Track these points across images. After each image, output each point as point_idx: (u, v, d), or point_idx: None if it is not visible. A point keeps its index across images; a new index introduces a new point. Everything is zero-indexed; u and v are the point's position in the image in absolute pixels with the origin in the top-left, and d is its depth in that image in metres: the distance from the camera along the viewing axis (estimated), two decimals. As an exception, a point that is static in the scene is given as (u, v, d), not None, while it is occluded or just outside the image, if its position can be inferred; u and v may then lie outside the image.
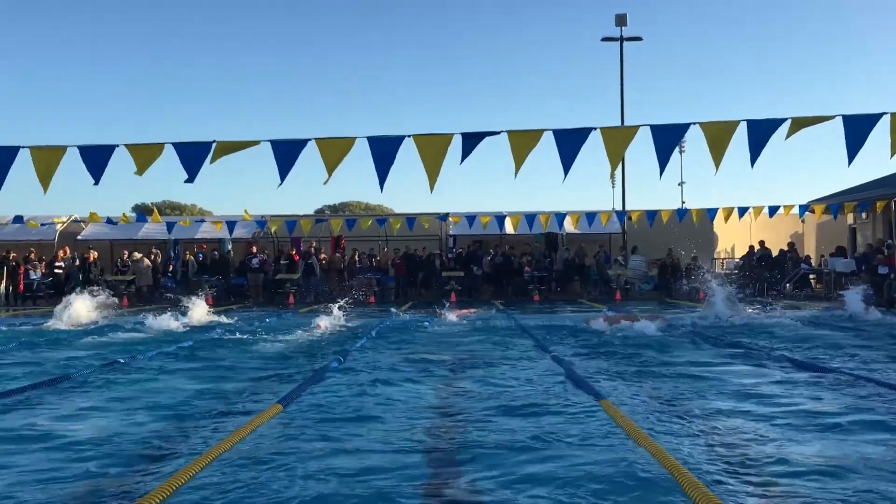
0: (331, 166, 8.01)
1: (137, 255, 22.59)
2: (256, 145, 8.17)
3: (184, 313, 14.37)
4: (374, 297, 21.11)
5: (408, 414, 5.47)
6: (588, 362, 8.00)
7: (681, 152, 55.36)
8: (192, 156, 8.01)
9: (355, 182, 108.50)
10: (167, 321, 13.24)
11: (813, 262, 24.21)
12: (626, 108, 26.58)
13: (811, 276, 23.18)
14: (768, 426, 4.99)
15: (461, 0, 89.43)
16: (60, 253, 22.84)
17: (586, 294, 21.68)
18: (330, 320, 13.10)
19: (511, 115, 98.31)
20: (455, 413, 5.55)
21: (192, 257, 23.61)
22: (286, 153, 8.17)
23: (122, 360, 8.45)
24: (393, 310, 16.44)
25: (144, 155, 8.00)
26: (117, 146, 8.01)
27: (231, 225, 22.89)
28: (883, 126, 7.61)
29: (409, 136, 8.04)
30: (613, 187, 57.25)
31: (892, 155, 7.50)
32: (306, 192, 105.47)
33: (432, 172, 7.92)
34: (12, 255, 22.09)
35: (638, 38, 25.66)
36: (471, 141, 8.10)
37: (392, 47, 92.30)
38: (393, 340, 10.66)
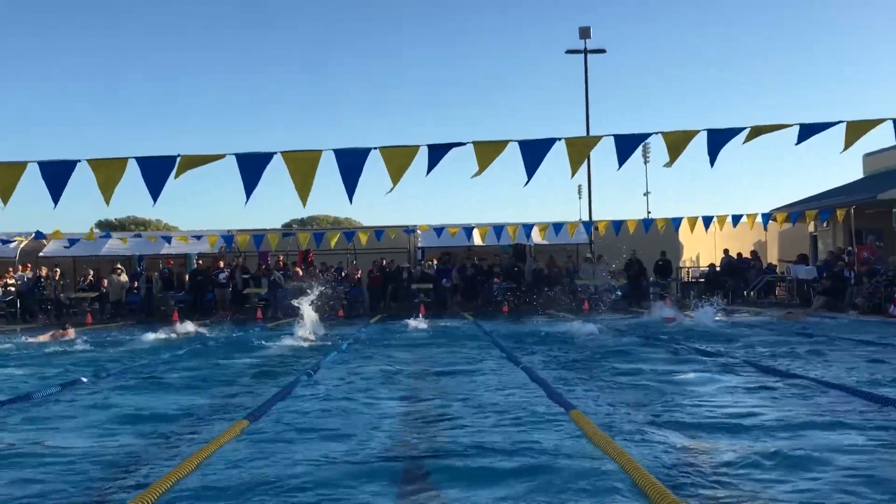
0: (300, 182, 7.97)
1: (120, 268, 22.31)
2: (221, 159, 8.12)
3: (151, 330, 14.23)
4: (343, 310, 21.01)
5: (376, 427, 5.45)
6: (554, 371, 8.05)
7: (645, 163, 56.12)
8: (156, 171, 7.92)
9: (322, 196, 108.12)
10: (133, 337, 13.12)
11: (776, 269, 24.62)
12: (592, 117, 26.87)
13: (777, 283, 23.55)
14: (733, 431, 5.06)
15: (425, 12, 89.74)
16: (11, 270, 22.44)
17: (555, 305, 21.75)
18: (299, 334, 13.03)
19: (477, 128, 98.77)
20: (423, 425, 5.54)
21: (156, 274, 23.36)
22: (252, 167, 8.13)
23: (84, 379, 8.31)
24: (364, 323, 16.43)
25: (107, 171, 7.89)
26: (79, 161, 7.90)
27: (197, 240, 22.69)
28: (838, 133, 7.80)
29: (375, 148, 8.07)
30: (580, 198, 57.75)
31: (844, 149, 7.66)
32: (273, 207, 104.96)
33: (395, 179, 7.96)
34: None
35: (601, 51, 26.00)
36: (437, 153, 8.14)
37: (358, 59, 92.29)
38: (363, 353, 10.64)
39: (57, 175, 7.91)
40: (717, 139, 7.94)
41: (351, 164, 8.05)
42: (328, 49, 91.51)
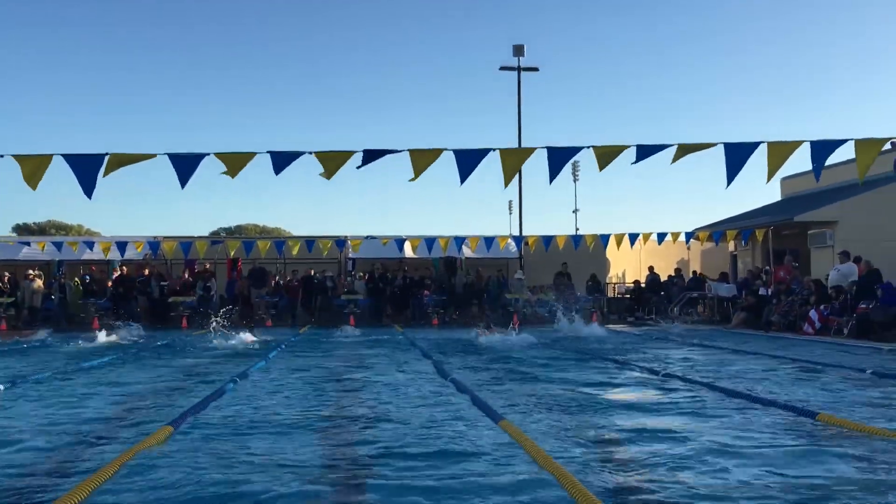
0: (233, 172, 7.88)
1: (32, 273, 21.49)
2: (153, 158, 7.95)
3: (70, 338, 13.77)
4: (271, 320, 20.74)
5: (301, 434, 5.39)
6: (482, 382, 8.12)
7: (575, 181, 57.16)
8: (84, 168, 7.69)
9: (251, 205, 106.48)
10: (52, 344, 12.68)
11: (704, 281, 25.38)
12: (524, 133, 27.25)
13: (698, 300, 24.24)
14: (649, 432, 5.20)
15: (360, 21, 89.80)
16: None
17: (484, 318, 21.90)
18: (226, 342, 12.83)
19: (410, 138, 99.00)
20: (349, 433, 5.50)
21: (77, 280, 22.64)
22: (184, 167, 7.98)
23: (1, 387, 7.99)
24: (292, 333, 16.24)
25: (31, 165, 7.64)
26: (2, 156, 7.62)
27: (122, 246, 22.04)
28: (760, 154, 8.13)
29: (310, 152, 8.02)
30: (511, 214, 58.42)
31: (768, 180, 8.06)
32: (200, 214, 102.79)
33: (330, 174, 7.95)
34: None
35: (534, 69, 26.41)
36: (372, 158, 8.13)
37: (288, 63, 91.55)
38: (291, 361, 10.51)
39: None
40: (646, 153, 8.18)
41: (283, 164, 8.00)
42: (266, 49, 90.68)
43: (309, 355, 11.78)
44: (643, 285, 24.30)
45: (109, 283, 22.51)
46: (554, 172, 8.19)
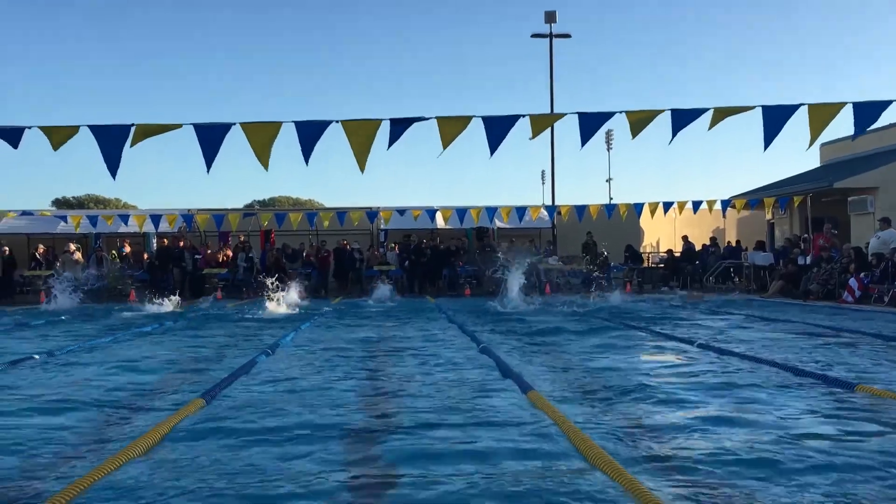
0: (259, 152, 7.83)
1: (72, 246, 21.82)
2: (178, 128, 7.93)
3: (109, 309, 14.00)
4: (305, 291, 20.82)
5: (333, 407, 5.36)
6: (512, 350, 8.06)
7: (608, 149, 56.52)
8: (111, 139, 7.70)
9: (284, 177, 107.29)
10: (90, 316, 12.89)
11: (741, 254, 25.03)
12: (556, 103, 26.88)
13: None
14: (680, 406, 5.10)
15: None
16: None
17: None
18: (260, 314, 12.95)
19: (440, 110, 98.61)
20: (382, 405, 5.48)
21: (114, 252, 22.96)
22: (211, 138, 7.95)
23: (36, 356, 8.11)
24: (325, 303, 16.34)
25: (60, 136, 7.67)
26: (29, 127, 7.65)
27: (156, 219, 22.28)
28: (800, 119, 7.89)
29: (336, 121, 7.95)
30: (544, 184, 58.05)
31: (810, 145, 7.82)
32: (234, 187, 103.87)
33: (361, 157, 7.85)
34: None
35: (567, 36, 25.98)
36: (399, 126, 8.04)
37: (315, 35, 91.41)
38: (323, 333, 10.53)
39: (7, 140, 7.66)
40: (681, 120, 7.97)
41: (311, 136, 7.92)
42: (293, 22, 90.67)
43: (340, 325, 11.82)
44: (678, 255, 24.00)
45: (146, 256, 22.81)
46: (586, 137, 8.03)
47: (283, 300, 15.80)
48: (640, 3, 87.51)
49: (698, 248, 24.30)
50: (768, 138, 7.86)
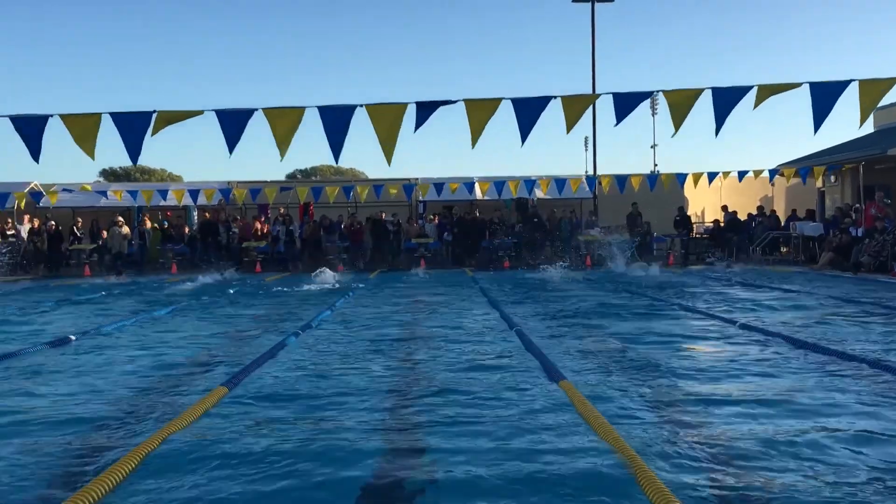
0: (281, 138, 7.68)
1: (120, 219, 22.10)
2: (200, 115, 7.83)
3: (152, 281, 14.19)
4: (343, 264, 20.80)
5: (359, 395, 5.25)
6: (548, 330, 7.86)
7: (653, 115, 55.38)
8: (132, 126, 7.63)
9: (326, 147, 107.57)
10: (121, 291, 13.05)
11: (781, 224, 24.31)
12: (598, 70, 26.20)
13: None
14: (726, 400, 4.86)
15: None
16: (10, 221, 22.26)
17: (558, 260, 21.47)
18: (295, 289, 12.97)
19: (479, 81, 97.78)
20: (411, 392, 5.35)
21: (155, 225, 23.16)
22: (233, 123, 7.82)
23: (73, 337, 8.16)
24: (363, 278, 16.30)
25: (80, 126, 7.62)
26: (51, 116, 7.61)
27: (194, 194, 22.40)
28: (851, 92, 7.44)
29: (361, 105, 7.73)
30: (587, 150, 57.18)
31: (861, 123, 7.38)
32: (275, 157, 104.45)
33: (387, 144, 7.62)
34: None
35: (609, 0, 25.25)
36: (425, 110, 7.80)
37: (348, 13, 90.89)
38: (356, 311, 10.43)
39: (32, 130, 7.63)
40: (724, 100, 7.56)
41: (336, 121, 7.72)
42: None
43: (376, 302, 11.72)
44: (723, 225, 23.38)
45: (187, 229, 22.99)
46: (621, 116, 7.69)
47: (320, 276, 15.93)
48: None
49: (743, 217, 23.62)
50: (818, 119, 7.44)
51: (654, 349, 6.95)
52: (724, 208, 23.63)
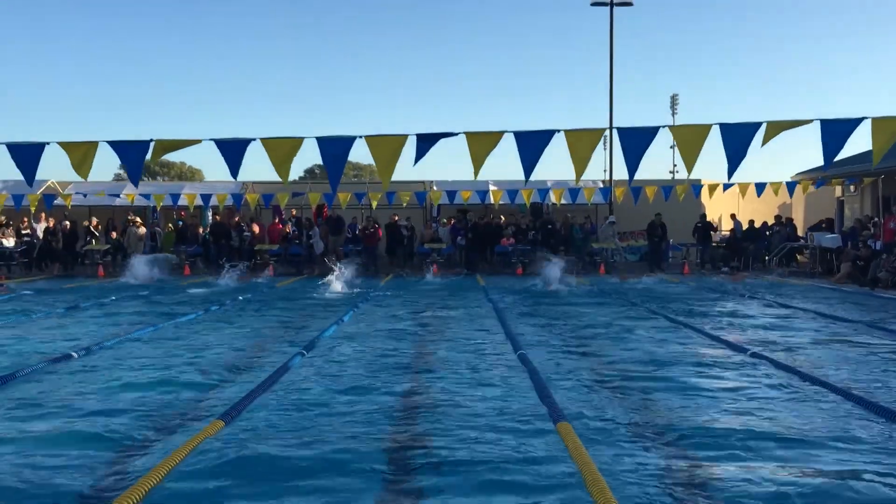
0: (280, 164, 7.61)
1: (138, 220, 22.20)
2: (198, 143, 7.77)
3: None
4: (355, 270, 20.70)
5: (362, 430, 5.17)
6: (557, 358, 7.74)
7: (673, 115, 55.00)
8: (129, 154, 7.60)
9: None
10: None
11: (799, 232, 23.99)
12: (616, 71, 25.99)
13: (797, 251, 22.96)
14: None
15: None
16: (26, 220, 22.42)
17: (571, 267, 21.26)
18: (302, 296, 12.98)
19: (500, 86, 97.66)
20: (413, 425, 5.26)
21: (170, 225, 23.25)
22: (232, 151, 7.76)
23: (74, 355, 8.13)
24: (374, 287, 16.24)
25: (79, 153, 7.59)
26: (48, 143, 7.61)
27: (206, 199, 22.47)
28: (864, 129, 7.23)
29: (360, 136, 7.62)
30: (605, 150, 56.73)
31: (875, 162, 7.15)
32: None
33: (385, 173, 7.53)
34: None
35: (628, 4, 25.01)
36: (426, 142, 7.69)
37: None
38: (365, 326, 10.33)
39: (28, 157, 7.61)
40: (732, 136, 7.36)
41: (335, 152, 7.63)
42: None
43: (378, 318, 11.58)
44: (729, 233, 23.10)
45: (200, 230, 23.04)
46: (633, 165, 7.46)
47: (332, 282, 15.92)
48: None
49: (758, 225, 23.32)
50: (828, 157, 7.23)
51: (658, 382, 6.81)
52: (733, 217, 23.40)
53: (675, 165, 55.97)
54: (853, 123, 7.26)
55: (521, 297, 14.43)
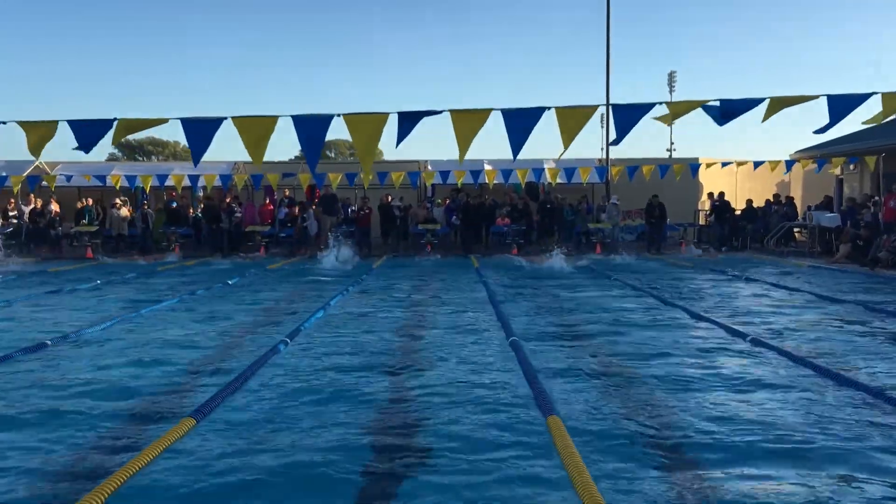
0: (252, 148, 7.25)
1: (119, 201, 21.85)
2: (164, 123, 7.40)
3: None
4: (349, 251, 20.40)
5: (344, 424, 4.90)
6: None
7: (671, 91, 54.36)
8: (90, 135, 7.23)
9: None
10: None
11: (798, 211, 23.68)
12: (613, 50, 25.46)
13: (796, 230, 22.68)
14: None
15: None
16: (12, 201, 22.06)
17: (565, 247, 20.98)
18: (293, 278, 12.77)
19: (494, 55, 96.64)
20: (385, 419, 5.00)
21: (160, 207, 22.89)
22: (199, 133, 7.39)
23: (48, 342, 7.85)
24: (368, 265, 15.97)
25: (38, 133, 7.24)
26: (4, 123, 7.26)
27: (194, 179, 22.06)
28: (874, 103, 6.89)
29: (339, 114, 7.25)
30: (602, 127, 56.25)
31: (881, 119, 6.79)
32: (291, 129, 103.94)
33: (366, 155, 7.18)
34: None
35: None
36: (408, 121, 7.33)
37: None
38: (351, 312, 10.05)
39: None
40: (731, 110, 7.04)
41: (312, 131, 7.27)
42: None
43: (369, 300, 11.32)
44: (738, 213, 22.79)
45: (191, 211, 22.69)
46: (621, 133, 7.18)
47: (324, 260, 15.88)
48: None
49: (759, 204, 23.02)
50: (833, 124, 6.91)
51: (651, 366, 6.56)
52: (713, 195, 23.25)
53: (672, 143, 55.65)
54: (860, 99, 6.93)
55: (515, 279, 14.16)
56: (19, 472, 4.27)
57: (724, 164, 20.20)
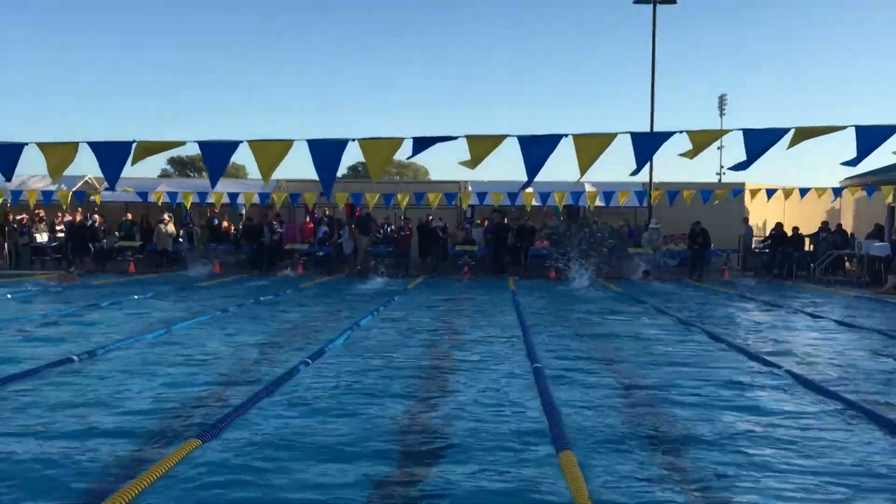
0: (265, 170, 7.30)
1: (166, 217, 22.26)
2: (182, 146, 7.51)
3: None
4: (386, 270, 20.42)
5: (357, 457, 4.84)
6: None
7: (721, 115, 53.59)
8: (111, 157, 7.35)
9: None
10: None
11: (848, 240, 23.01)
12: (658, 69, 25.22)
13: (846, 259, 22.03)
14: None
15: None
16: (60, 214, 22.60)
17: (606, 270, 20.66)
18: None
19: (538, 82, 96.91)
20: (401, 446, 4.92)
21: (203, 223, 23.23)
22: (217, 155, 7.47)
23: (75, 358, 7.94)
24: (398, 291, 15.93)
25: (58, 155, 7.38)
26: (27, 144, 7.41)
27: (233, 197, 22.41)
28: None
29: (353, 139, 7.26)
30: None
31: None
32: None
33: (378, 172, 7.18)
34: (16, 216, 21.96)
35: (672, 1, 24.30)
36: (422, 146, 7.27)
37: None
38: (375, 336, 9.98)
39: (7, 157, 7.42)
40: (756, 142, 6.81)
41: (326, 155, 7.27)
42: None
43: (398, 327, 11.22)
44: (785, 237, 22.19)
45: (232, 228, 22.98)
46: (641, 162, 7.02)
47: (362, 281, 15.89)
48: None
49: (809, 230, 22.42)
50: (859, 158, 6.67)
51: (678, 397, 6.36)
52: (780, 226, 22.62)
53: (721, 166, 54.66)
54: (889, 131, 6.65)
55: (549, 303, 13.99)
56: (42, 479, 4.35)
57: (769, 193, 19.73)
